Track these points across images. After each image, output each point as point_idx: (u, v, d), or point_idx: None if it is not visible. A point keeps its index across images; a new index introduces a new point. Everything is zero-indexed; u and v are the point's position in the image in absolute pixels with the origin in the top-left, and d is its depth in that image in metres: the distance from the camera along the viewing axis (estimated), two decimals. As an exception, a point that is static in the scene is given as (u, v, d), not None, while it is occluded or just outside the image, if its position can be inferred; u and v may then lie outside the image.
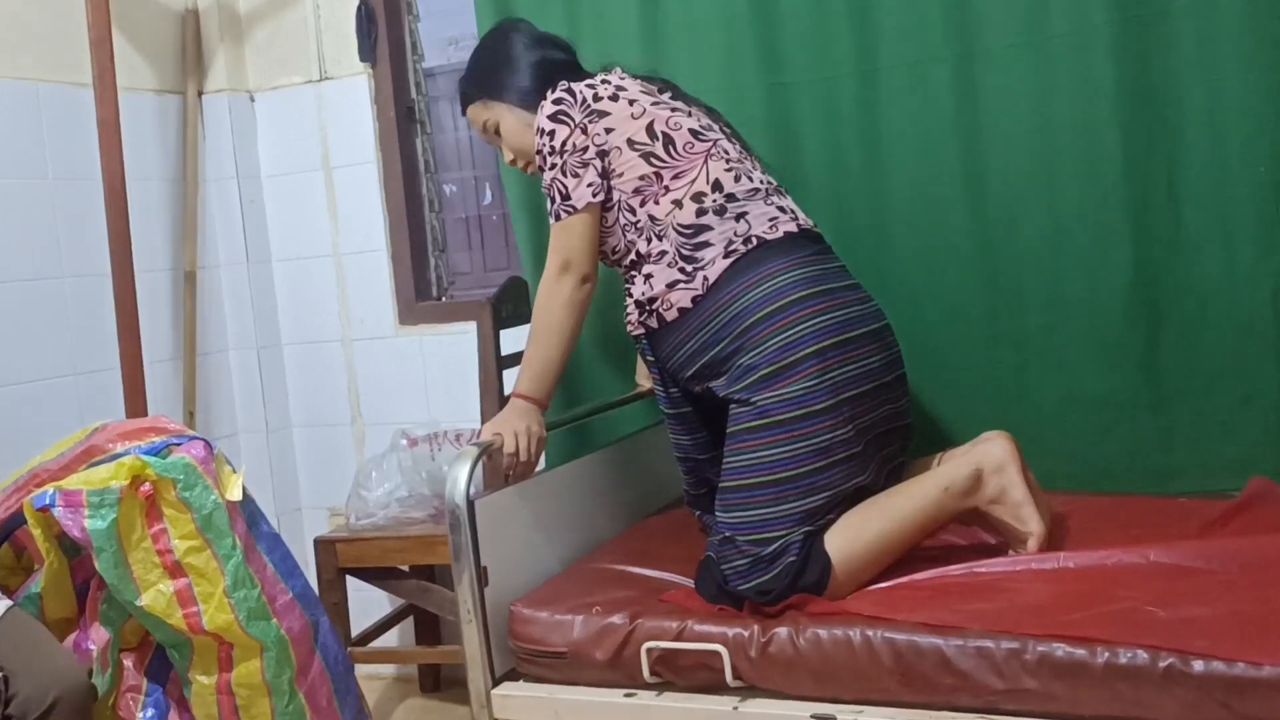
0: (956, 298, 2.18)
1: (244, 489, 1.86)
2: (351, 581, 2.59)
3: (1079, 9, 2.03)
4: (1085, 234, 2.07)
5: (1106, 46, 2.01)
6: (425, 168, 2.94)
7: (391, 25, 2.86)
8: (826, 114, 2.24)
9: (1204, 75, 1.97)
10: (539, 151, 1.92)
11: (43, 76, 2.54)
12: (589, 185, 1.87)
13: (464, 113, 2.11)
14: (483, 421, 2.20)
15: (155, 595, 1.77)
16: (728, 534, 1.70)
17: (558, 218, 1.90)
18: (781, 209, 1.85)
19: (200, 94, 2.90)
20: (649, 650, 1.64)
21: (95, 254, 2.56)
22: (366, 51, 2.84)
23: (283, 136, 2.96)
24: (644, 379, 2.32)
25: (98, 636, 1.82)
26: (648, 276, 1.84)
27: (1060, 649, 1.43)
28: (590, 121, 1.88)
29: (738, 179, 1.85)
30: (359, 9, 2.82)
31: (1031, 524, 1.71)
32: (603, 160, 1.88)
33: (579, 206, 1.88)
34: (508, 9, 2.45)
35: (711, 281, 1.77)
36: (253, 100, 2.96)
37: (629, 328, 1.93)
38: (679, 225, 1.82)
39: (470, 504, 1.70)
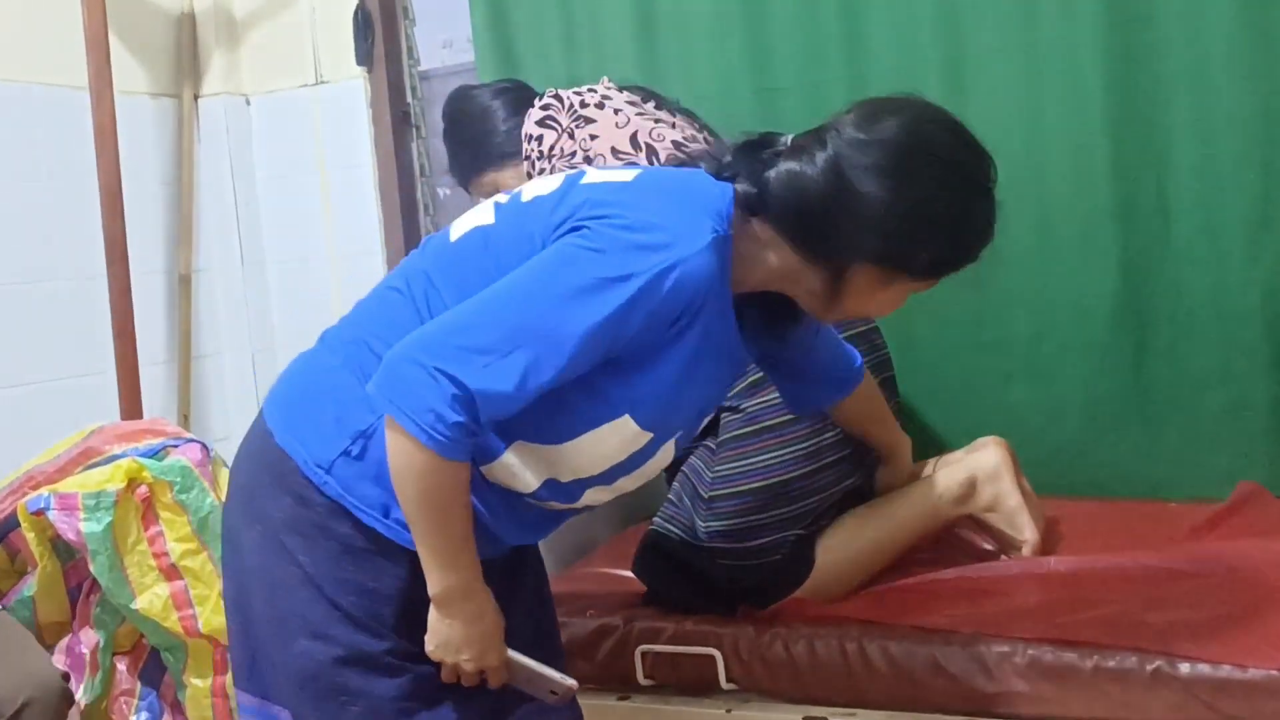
0: (944, 304, 2.16)
1: (240, 492, 1.86)
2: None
3: (1067, 14, 2.03)
4: (1073, 241, 2.07)
5: (1095, 52, 2.01)
6: (420, 171, 2.94)
7: (387, 29, 2.86)
8: (816, 119, 2.22)
9: (1193, 81, 1.97)
10: (526, 157, 1.92)
11: (38, 79, 2.54)
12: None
13: (469, 192, 2.08)
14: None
15: (151, 598, 1.77)
16: (720, 545, 1.69)
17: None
18: (768, 217, 1.85)
19: (196, 97, 2.89)
20: (643, 653, 1.65)
21: (90, 257, 2.56)
22: (363, 55, 2.84)
23: (278, 140, 2.95)
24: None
25: (88, 640, 1.82)
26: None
27: (1050, 652, 1.45)
28: (577, 127, 1.88)
29: (721, 190, 1.84)
30: (355, 13, 2.83)
31: (1026, 531, 1.71)
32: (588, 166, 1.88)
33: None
34: (502, 13, 2.46)
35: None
36: (248, 103, 2.96)
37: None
38: None
39: (466, 507, 1.70)
